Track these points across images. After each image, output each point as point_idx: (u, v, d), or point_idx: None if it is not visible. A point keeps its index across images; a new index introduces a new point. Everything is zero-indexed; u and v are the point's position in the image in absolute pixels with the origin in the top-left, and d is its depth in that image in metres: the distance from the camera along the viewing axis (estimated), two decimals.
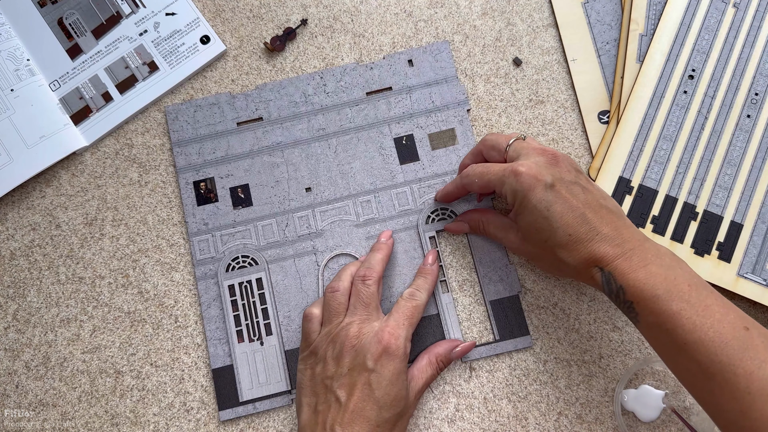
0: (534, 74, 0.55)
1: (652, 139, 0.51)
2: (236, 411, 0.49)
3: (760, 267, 0.49)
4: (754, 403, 0.34)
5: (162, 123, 0.55)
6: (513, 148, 0.45)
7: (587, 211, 0.41)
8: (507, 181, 0.43)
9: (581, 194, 0.42)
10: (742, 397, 0.35)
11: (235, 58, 0.56)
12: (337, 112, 0.54)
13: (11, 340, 0.51)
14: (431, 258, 0.49)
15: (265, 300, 0.51)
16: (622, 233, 0.41)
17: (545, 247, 0.43)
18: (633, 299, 0.39)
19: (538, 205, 0.41)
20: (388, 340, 0.42)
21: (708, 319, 0.37)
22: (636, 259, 0.40)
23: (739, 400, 0.35)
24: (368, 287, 0.46)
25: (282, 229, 0.52)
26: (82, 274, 0.52)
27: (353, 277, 0.47)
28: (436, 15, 0.57)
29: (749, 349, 0.35)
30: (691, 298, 0.38)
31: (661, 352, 0.39)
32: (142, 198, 0.54)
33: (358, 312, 0.45)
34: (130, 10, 0.56)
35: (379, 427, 0.41)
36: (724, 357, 0.36)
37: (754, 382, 0.34)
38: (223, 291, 0.51)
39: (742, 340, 0.36)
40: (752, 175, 0.50)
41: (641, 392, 0.48)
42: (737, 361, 0.35)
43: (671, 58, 0.52)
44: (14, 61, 0.55)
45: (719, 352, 0.36)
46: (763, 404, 0.34)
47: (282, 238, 0.52)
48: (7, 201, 0.54)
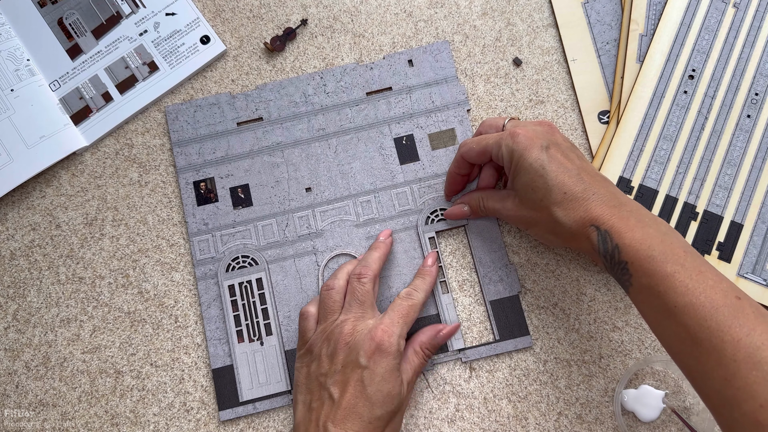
0: (534, 74, 0.55)
1: (652, 139, 0.51)
2: (236, 411, 0.49)
3: (760, 267, 0.49)
4: (738, 371, 0.34)
5: (162, 123, 0.55)
6: (511, 123, 0.47)
7: (582, 172, 0.42)
8: (504, 143, 0.44)
9: (576, 159, 0.43)
10: (727, 364, 0.34)
11: (235, 58, 0.56)
12: (337, 112, 0.54)
13: (11, 340, 0.51)
14: (431, 260, 0.50)
15: (265, 300, 0.51)
16: (618, 197, 0.42)
17: (541, 207, 0.43)
18: (628, 259, 0.39)
19: (534, 164, 0.42)
20: (381, 338, 0.42)
21: (701, 284, 0.37)
22: (633, 220, 0.40)
23: (724, 367, 0.34)
24: (363, 285, 0.46)
25: (282, 229, 0.52)
26: (82, 274, 0.52)
27: (350, 275, 0.47)
28: (436, 15, 0.57)
29: (739, 316, 0.35)
30: (686, 262, 0.38)
31: (650, 317, 0.39)
32: (142, 198, 0.54)
33: (353, 310, 0.45)
34: (130, 10, 0.56)
35: (371, 424, 0.41)
36: (713, 322, 0.35)
37: (741, 350, 0.34)
38: (223, 291, 0.51)
39: (733, 308, 0.36)
40: (752, 175, 0.50)
41: (641, 392, 0.48)
42: (726, 328, 0.35)
43: (671, 58, 0.52)
44: (14, 61, 0.55)
45: (709, 317, 0.35)
46: (747, 372, 0.34)
47: (282, 238, 0.52)
48: (7, 201, 0.54)
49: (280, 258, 0.52)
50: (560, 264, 0.52)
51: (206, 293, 0.51)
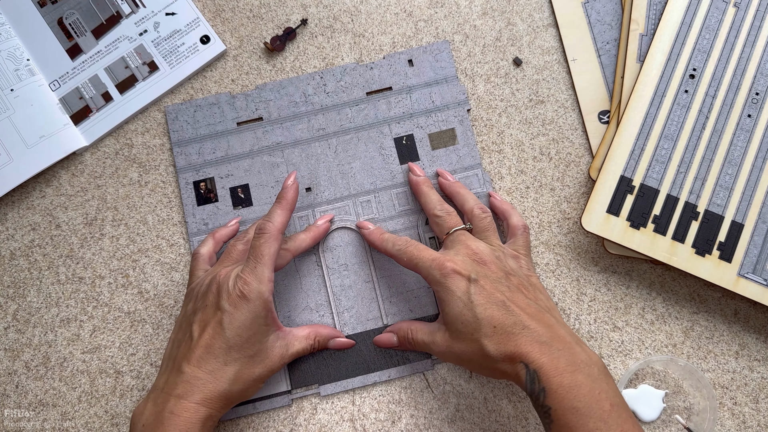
0: (534, 74, 0.55)
1: (653, 138, 0.51)
2: (236, 411, 0.49)
3: (760, 267, 0.48)
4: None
5: (162, 123, 0.55)
6: (452, 237, 0.46)
7: (512, 304, 0.41)
8: (432, 273, 0.43)
9: (506, 291, 0.42)
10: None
11: (235, 58, 0.56)
12: (337, 112, 0.54)
13: (11, 340, 0.51)
14: (291, 180, 0.47)
15: None
16: (553, 331, 0.41)
17: (472, 340, 0.41)
18: (552, 405, 0.38)
19: (462, 297, 0.42)
20: (242, 285, 0.42)
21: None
22: (563, 361, 0.39)
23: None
24: (259, 239, 0.44)
25: None
26: (82, 274, 0.52)
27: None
28: (436, 15, 0.57)
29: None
30: (610, 419, 0.37)
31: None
32: (142, 198, 0.54)
33: (238, 260, 0.46)
34: (130, 10, 0.56)
35: (227, 365, 0.42)
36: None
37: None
38: None
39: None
40: (753, 175, 0.50)
41: (641, 392, 0.48)
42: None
43: (672, 57, 0.52)
44: (14, 61, 0.55)
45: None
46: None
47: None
48: (7, 201, 0.54)
49: None
50: (560, 264, 0.52)
51: None
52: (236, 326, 0.42)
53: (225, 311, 0.42)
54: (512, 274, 0.44)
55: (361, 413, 0.49)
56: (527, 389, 0.39)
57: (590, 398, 0.38)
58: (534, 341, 0.40)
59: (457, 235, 0.46)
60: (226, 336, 0.42)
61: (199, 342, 0.42)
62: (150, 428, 0.40)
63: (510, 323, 0.41)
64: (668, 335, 0.50)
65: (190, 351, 0.42)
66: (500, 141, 0.54)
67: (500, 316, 0.41)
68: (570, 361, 0.39)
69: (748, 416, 0.49)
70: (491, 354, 0.40)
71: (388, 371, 0.50)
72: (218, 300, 0.43)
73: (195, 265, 0.48)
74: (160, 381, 0.43)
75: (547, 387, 0.38)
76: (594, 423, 0.37)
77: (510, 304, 0.41)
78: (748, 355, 0.50)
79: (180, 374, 0.42)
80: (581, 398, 0.38)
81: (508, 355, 0.40)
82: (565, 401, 0.38)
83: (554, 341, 0.40)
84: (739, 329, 0.51)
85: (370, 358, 0.50)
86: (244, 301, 0.42)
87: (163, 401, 0.41)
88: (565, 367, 0.39)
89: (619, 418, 0.37)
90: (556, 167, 0.54)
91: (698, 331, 0.51)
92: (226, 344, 0.42)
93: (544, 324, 0.41)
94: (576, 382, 0.38)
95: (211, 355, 0.42)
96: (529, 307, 0.42)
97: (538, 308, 0.42)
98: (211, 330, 0.42)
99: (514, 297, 0.42)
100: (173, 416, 0.40)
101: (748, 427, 0.49)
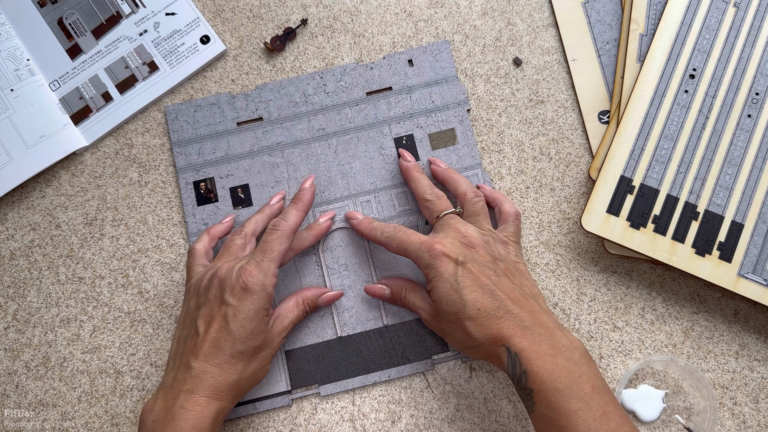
0: (534, 74, 0.55)
1: (653, 138, 0.51)
2: (236, 411, 0.49)
3: (760, 267, 0.48)
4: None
5: (162, 123, 0.55)
6: (442, 221, 0.47)
7: (497, 289, 0.42)
8: (421, 255, 0.44)
9: (493, 275, 0.43)
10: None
11: (235, 58, 0.56)
12: (337, 112, 0.54)
13: (11, 340, 0.51)
14: (308, 183, 0.49)
15: None
16: (535, 317, 0.41)
17: (455, 321, 0.42)
18: (534, 387, 0.39)
19: (449, 278, 0.42)
20: (245, 278, 0.42)
21: (603, 425, 0.37)
22: (545, 345, 0.40)
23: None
24: (271, 235, 0.45)
25: None
26: (82, 274, 0.52)
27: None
28: (436, 15, 0.57)
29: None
30: (592, 400, 0.38)
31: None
32: (142, 198, 0.54)
33: (236, 255, 0.46)
34: (130, 10, 0.56)
35: (234, 357, 0.42)
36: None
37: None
38: None
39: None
40: (753, 175, 0.50)
41: (641, 392, 0.48)
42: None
43: (672, 57, 0.52)
44: (14, 61, 0.55)
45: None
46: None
47: None
48: (7, 201, 0.54)
49: None
50: (560, 264, 0.52)
51: None
52: (241, 319, 0.42)
53: (230, 305, 0.42)
54: (500, 259, 0.45)
55: (361, 413, 0.49)
56: (509, 372, 0.40)
57: (571, 380, 0.38)
58: (516, 325, 0.41)
59: (446, 219, 0.47)
60: (232, 329, 0.42)
61: (206, 337, 0.42)
62: (161, 424, 0.41)
63: (494, 307, 0.41)
64: (668, 335, 0.50)
65: (197, 346, 0.42)
66: (500, 141, 0.54)
67: (485, 299, 0.41)
68: (551, 345, 0.40)
69: (748, 416, 0.49)
70: (474, 335, 0.41)
71: (388, 371, 0.50)
72: (222, 294, 0.43)
73: (192, 261, 0.48)
74: (169, 378, 0.43)
75: (528, 370, 0.39)
76: (576, 404, 0.37)
77: (495, 289, 0.42)
78: (748, 355, 0.50)
79: (188, 370, 0.42)
80: (562, 380, 0.38)
81: (490, 337, 0.41)
82: (547, 383, 0.38)
83: (536, 326, 0.41)
84: (739, 329, 0.51)
85: (370, 358, 0.50)
86: (248, 294, 0.42)
87: (173, 397, 0.41)
88: (547, 350, 0.39)
89: (601, 399, 0.38)
90: (556, 167, 0.54)
91: (698, 331, 0.51)
92: (232, 337, 0.42)
93: (528, 309, 0.42)
94: (557, 365, 0.39)
95: (218, 349, 0.42)
96: (513, 292, 0.43)
97: (522, 294, 0.43)
98: (217, 324, 0.42)
99: (499, 282, 0.43)
100: (184, 411, 0.40)
101: (748, 427, 0.49)
